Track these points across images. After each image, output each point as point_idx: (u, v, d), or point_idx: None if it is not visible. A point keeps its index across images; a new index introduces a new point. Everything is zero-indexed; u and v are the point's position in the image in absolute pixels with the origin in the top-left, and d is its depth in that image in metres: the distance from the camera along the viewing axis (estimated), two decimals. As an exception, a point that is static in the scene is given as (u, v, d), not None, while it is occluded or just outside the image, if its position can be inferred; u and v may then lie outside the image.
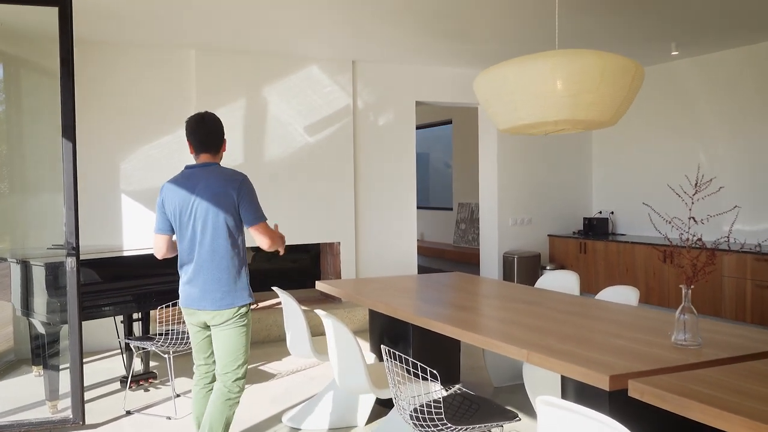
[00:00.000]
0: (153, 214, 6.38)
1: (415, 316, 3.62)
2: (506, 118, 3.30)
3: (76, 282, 4.09)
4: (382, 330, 4.70)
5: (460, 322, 3.39)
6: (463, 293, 4.49)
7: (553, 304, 3.94)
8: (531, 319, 3.49)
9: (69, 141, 4.04)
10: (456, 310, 3.80)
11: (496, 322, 3.44)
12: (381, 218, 7.41)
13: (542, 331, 3.18)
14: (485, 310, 3.81)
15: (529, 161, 8.21)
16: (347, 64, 7.10)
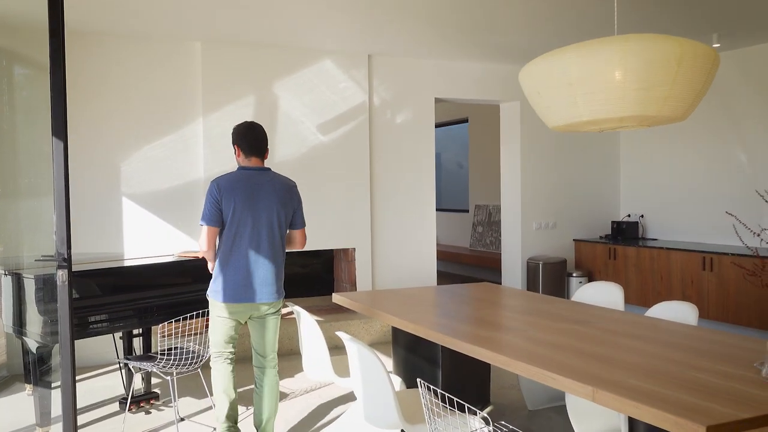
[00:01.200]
0: (156, 219, 5.97)
1: (449, 338, 3.17)
2: (562, 114, 2.85)
3: (68, 297, 3.65)
4: (407, 348, 4.25)
5: (503, 348, 2.94)
6: (497, 308, 4.04)
7: (605, 324, 3.49)
8: (585, 343, 3.04)
9: (60, 140, 3.61)
10: (494, 331, 3.36)
11: (546, 347, 2.99)
12: (398, 222, 6.96)
13: (603, 359, 2.74)
14: (528, 330, 3.36)
15: (554, 162, 7.75)
16: (363, 58, 6.66)
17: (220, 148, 6.10)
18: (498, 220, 10.17)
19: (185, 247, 6.00)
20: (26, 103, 5.45)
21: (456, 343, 3.10)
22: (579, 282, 7.54)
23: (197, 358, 4.10)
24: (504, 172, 7.85)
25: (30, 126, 5.45)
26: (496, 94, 7.42)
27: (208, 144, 6.07)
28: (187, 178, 6.08)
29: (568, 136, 7.77)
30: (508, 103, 7.63)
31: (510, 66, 7.41)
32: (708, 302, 6.34)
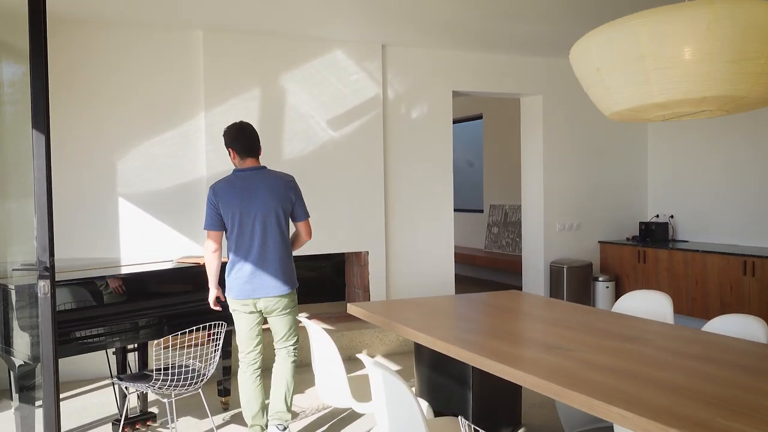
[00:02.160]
0: (155, 221, 5.54)
1: (488, 361, 2.73)
2: (628, 96, 2.40)
3: (51, 310, 3.23)
4: (432, 366, 3.81)
5: (555, 374, 2.50)
6: (532, 321, 3.60)
7: (662, 341, 3.05)
8: (646, 366, 2.60)
9: (41, 133, 3.19)
10: (536, 350, 2.92)
11: (602, 373, 2.55)
12: (414, 224, 6.52)
13: (676, 390, 2.29)
14: (575, 350, 2.92)
15: (577, 159, 7.30)
16: (376, 49, 6.23)
17: (224, 145, 5.66)
18: (515, 220, 9.72)
19: (186, 252, 5.58)
20: (14, 99, 5.03)
21: (497, 368, 2.66)
22: (605, 287, 7.09)
23: (198, 377, 3.67)
24: (525, 171, 7.41)
25: (19, 123, 5.04)
26: (517, 88, 6.98)
27: (210, 140, 5.65)
28: (189, 177, 5.65)
29: (593, 131, 7.32)
30: (530, 97, 7.18)
31: (532, 58, 6.97)
32: (750, 310, 5.88)
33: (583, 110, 7.25)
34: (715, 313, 6.16)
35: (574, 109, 7.21)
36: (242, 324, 3.80)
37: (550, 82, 7.09)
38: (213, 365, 3.75)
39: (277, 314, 3.81)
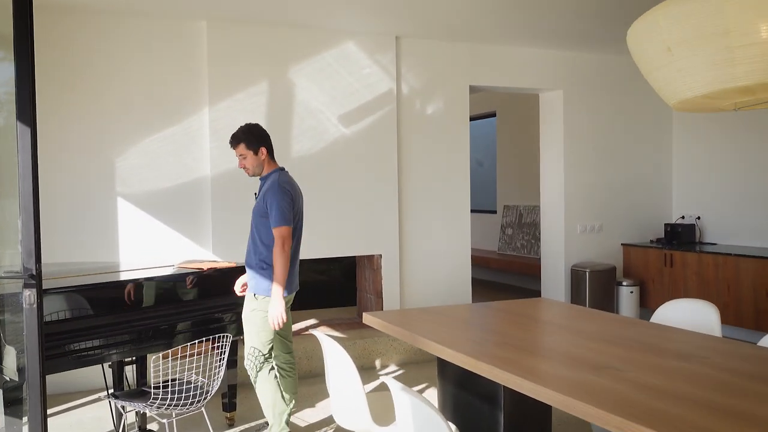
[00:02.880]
0: (157, 222, 5.23)
1: (529, 384, 2.40)
2: (707, 79, 2.05)
3: (37, 322, 2.91)
4: (458, 383, 3.48)
5: (613, 402, 2.17)
6: (569, 334, 3.27)
7: (720, 359, 2.71)
8: (710, 392, 2.27)
9: (26, 125, 2.87)
10: (580, 370, 2.58)
11: (661, 398, 2.22)
12: (429, 226, 6.19)
13: (755, 422, 1.96)
14: (624, 369, 2.58)
15: (599, 157, 6.95)
16: (390, 41, 5.90)
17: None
18: (530, 221, 9.39)
19: (189, 256, 5.26)
20: (5, 92, 4.71)
21: (546, 394, 2.33)
22: (630, 292, 6.74)
23: (201, 394, 3.35)
24: (544, 170, 7.07)
25: (11, 118, 4.72)
26: (536, 82, 6.64)
27: (215, 137, 5.33)
28: (192, 176, 5.33)
29: (615, 128, 6.97)
30: (550, 92, 6.84)
31: (553, 51, 6.63)
32: (787, 317, 5.54)
33: (605, 106, 6.92)
34: (749, 321, 5.82)
35: (595, 104, 6.88)
36: (286, 318, 3.72)
37: (571, 77, 6.75)
38: (218, 380, 3.43)
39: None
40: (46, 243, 4.44)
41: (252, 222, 3.77)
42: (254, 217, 3.75)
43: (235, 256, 5.20)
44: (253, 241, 3.76)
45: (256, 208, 3.74)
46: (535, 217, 9.24)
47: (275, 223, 3.59)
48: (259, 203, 3.73)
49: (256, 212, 3.74)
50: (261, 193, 3.77)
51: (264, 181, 3.80)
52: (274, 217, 3.59)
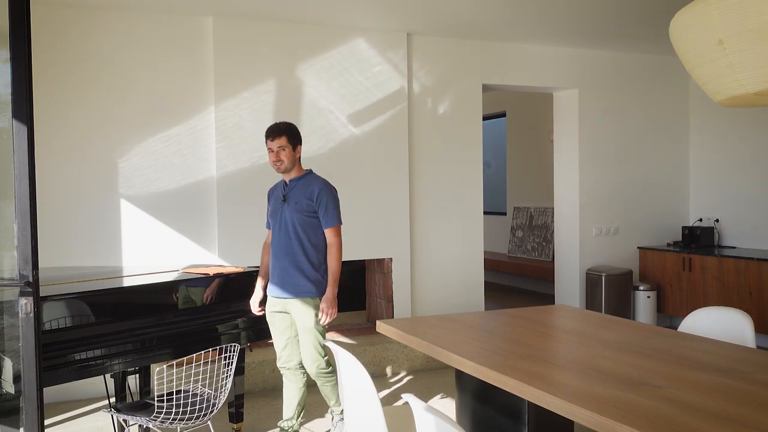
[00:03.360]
0: (161, 224, 5.07)
1: (562, 403, 2.22)
2: (763, 75, 1.86)
3: (34, 332, 2.75)
4: (477, 396, 3.30)
5: (655, 425, 1.99)
6: (597, 345, 3.08)
7: (765, 375, 2.52)
8: (761, 412, 2.08)
9: (22, 124, 2.70)
10: (616, 387, 2.40)
11: (712, 422, 2.04)
12: (441, 229, 6.01)
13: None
14: (663, 386, 2.40)
15: (615, 158, 6.76)
16: (401, 38, 5.72)
17: (236, 141, 5.19)
18: (541, 223, 9.20)
19: (195, 260, 5.09)
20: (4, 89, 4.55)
21: (583, 415, 2.15)
22: (647, 296, 6.55)
23: (209, 407, 3.18)
24: (558, 171, 6.89)
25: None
26: (551, 81, 6.46)
27: (221, 136, 5.16)
28: (197, 177, 5.17)
29: (631, 128, 6.78)
30: (565, 91, 6.66)
31: (567, 49, 6.45)
32: (813, 324, 5.35)
33: (621, 105, 6.74)
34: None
35: (611, 103, 6.70)
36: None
37: (586, 75, 6.57)
38: (225, 392, 3.26)
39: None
40: (45, 247, 4.29)
41: (290, 223, 3.69)
42: (295, 217, 3.67)
43: (242, 260, 5.03)
44: (298, 242, 3.68)
45: (299, 207, 3.67)
46: (547, 219, 9.06)
47: (333, 221, 3.68)
48: (301, 202, 3.67)
49: (299, 211, 3.66)
50: (300, 193, 3.71)
51: (296, 182, 3.75)
52: (331, 216, 3.67)
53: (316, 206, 3.68)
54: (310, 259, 3.71)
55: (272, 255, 3.78)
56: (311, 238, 3.71)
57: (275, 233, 3.77)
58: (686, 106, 7.04)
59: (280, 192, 3.80)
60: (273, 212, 3.80)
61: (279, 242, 3.73)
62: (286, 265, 3.70)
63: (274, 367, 5.01)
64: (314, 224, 3.70)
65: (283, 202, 3.73)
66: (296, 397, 3.85)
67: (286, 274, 3.70)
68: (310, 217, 3.69)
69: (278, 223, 3.74)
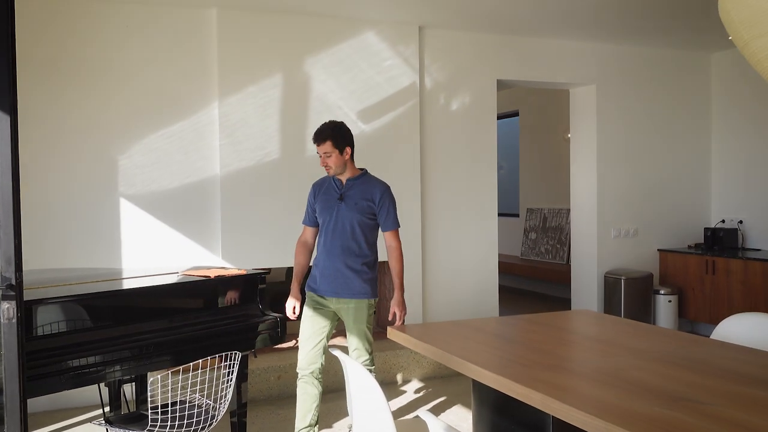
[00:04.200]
0: (162, 225, 4.86)
1: (602, 424, 1.99)
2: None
3: (17, 340, 2.53)
4: (496, 408, 3.07)
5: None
6: (628, 355, 2.84)
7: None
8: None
9: (5, 113, 2.49)
10: (652, 402, 2.16)
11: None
12: (454, 230, 5.78)
13: None
14: (712, 402, 2.17)
15: (633, 158, 6.51)
16: (413, 31, 5.50)
17: (241, 138, 4.98)
18: (555, 225, 8.96)
19: (197, 262, 4.88)
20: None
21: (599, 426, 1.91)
22: (668, 301, 6.29)
23: (207, 418, 2.96)
24: (574, 171, 6.65)
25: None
26: (568, 77, 6.23)
27: (225, 133, 4.95)
28: (200, 176, 4.96)
29: (651, 126, 6.53)
30: (582, 87, 6.42)
31: (585, 43, 6.22)
32: None
33: (640, 102, 6.49)
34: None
35: (630, 100, 6.45)
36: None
37: (604, 71, 6.33)
38: (225, 403, 3.04)
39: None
40: (40, 249, 4.10)
41: (348, 223, 3.61)
42: (355, 217, 3.61)
43: (246, 262, 4.82)
44: (356, 243, 3.62)
45: (359, 208, 3.61)
46: (561, 220, 8.82)
47: (395, 225, 3.69)
48: (361, 203, 3.61)
49: (359, 212, 3.61)
50: (359, 194, 3.63)
51: (353, 182, 3.66)
52: (393, 220, 3.68)
53: (377, 209, 3.65)
54: (366, 260, 3.68)
55: (323, 253, 3.67)
56: (368, 239, 3.68)
57: (328, 231, 3.66)
58: (708, 103, 6.79)
59: (333, 190, 3.68)
60: (325, 209, 3.68)
61: (333, 241, 3.63)
62: (341, 266, 3.62)
63: (280, 374, 4.80)
64: (372, 226, 3.69)
65: (340, 200, 3.64)
66: (315, 401, 3.68)
67: (340, 274, 3.62)
68: (370, 219, 3.66)
69: (333, 222, 3.64)
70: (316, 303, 3.66)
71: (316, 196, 3.73)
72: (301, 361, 3.67)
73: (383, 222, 3.67)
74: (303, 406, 3.67)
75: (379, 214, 3.65)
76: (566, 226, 8.67)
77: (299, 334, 3.71)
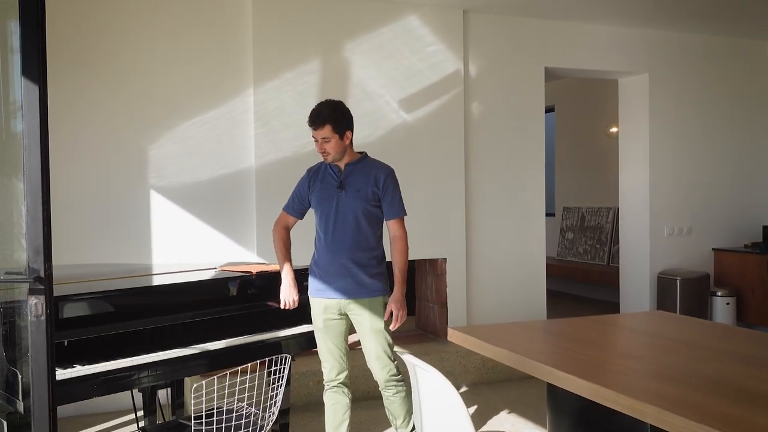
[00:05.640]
0: (193, 219, 4.59)
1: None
2: None
3: (46, 339, 2.24)
4: (579, 419, 2.73)
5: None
6: (730, 361, 2.50)
7: None
8: None
9: (33, 82, 2.20)
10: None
11: None
12: (500, 227, 5.45)
13: None
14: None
15: (688, 152, 6.15)
16: (457, 15, 5.19)
17: (277, 128, 4.69)
18: (594, 224, 8.59)
19: (232, 257, 4.59)
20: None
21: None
22: (725, 303, 5.92)
23: (255, 430, 2.65)
24: (624, 166, 6.31)
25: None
26: (618, 65, 5.88)
27: (260, 122, 4.67)
28: (234, 167, 4.68)
29: (706, 118, 6.16)
30: (633, 76, 6.06)
31: (637, 30, 5.87)
32: None
33: (696, 92, 6.14)
34: None
35: (685, 91, 6.10)
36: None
37: (658, 59, 5.97)
38: (275, 412, 2.74)
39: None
40: (62, 242, 3.77)
41: (352, 214, 3.18)
42: (358, 206, 3.18)
43: (283, 258, 4.52)
44: (362, 235, 3.19)
45: (362, 196, 3.18)
46: (601, 219, 8.45)
47: (400, 212, 3.24)
48: (364, 189, 3.18)
49: (363, 200, 3.18)
50: (362, 179, 3.21)
51: (353, 167, 3.24)
52: (398, 207, 3.23)
53: (382, 194, 3.22)
54: (375, 253, 3.25)
55: (324, 250, 3.23)
56: (375, 230, 3.26)
57: (329, 225, 3.21)
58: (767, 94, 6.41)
59: (331, 177, 3.25)
60: (322, 201, 3.23)
61: (335, 236, 3.19)
62: (347, 262, 3.17)
63: (320, 378, 4.47)
64: (378, 214, 3.26)
65: (339, 189, 3.20)
66: (346, 410, 3.32)
67: (346, 271, 3.18)
68: (375, 207, 3.23)
69: (333, 214, 3.20)
70: (325, 309, 3.22)
71: (311, 185, 3.30)
72: (327, 374, 3.31)
73: (387, 208, 3.23)
74: (334, 418, 3.30)
75: (383, 199, 3.22)
76: (607, 225, 8.31)
77: (317, 348, 3.32)
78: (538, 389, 4.77)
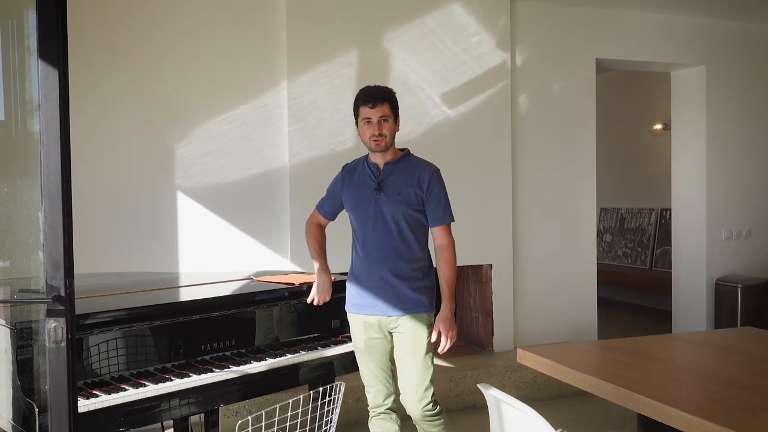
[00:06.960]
0: (223, 222, 4.26)
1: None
2: None
3: (67, 367, 1.91)
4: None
5: None
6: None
7: None
8: None
9: (53, 66, 1.87)
10: None
11: None
12: (548, 231, 5.09)
13: None
14: None
15: (747, 150, 5.76)
16: (503, 3, 4.84)
17: (312, 124, 4.36)
18: (634, 226, 8.21)
19: (265, 266, 4.26)
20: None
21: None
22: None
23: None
24: (677, 165, 5.92)
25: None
26: (672, 56, 5.49)
27: (294, 118, 4.33)
28: (267, 166, 4.35)
29: (761, 119, 5.77)
30: (689, 68, 5.67)
31: (694, 18, 5.48)
32: None
33: (758, 86, 5.73)
34: None
35: (745, 84, 5.70)
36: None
37: (716, 50, 5.58)
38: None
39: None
40: (81, 248, 3.42)
41: (392, 220, 2.81)
42: (399, 211, 2.80)
43: (320, 265, 4.18)
44: (405, 244, 2.81)
45: (405, 199, 2.80)
46: (642, 221, 8.07)
47: (447, 218, 2.84)
48: (407, 192, 2.79)
49: (406, 204, 2.80)
50: (403, 181, 2.83)
51: (394, 166, 2.86)
52: (444, 212, 2.84)
53: (426, 197, 2.83)
54: (420, 264, 2.84)
55: (361, 261, 2.86)
56: (419, 237, 2.86)
57: (366, 232, 2.84)
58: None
59: (368, 177, 2.87)
60: (359, 204, 2.86)
61: (374, 244, 2.81)
62: (387, 275, 2.78)
63: (359, 396, 4.13)
64: (422, 220, 2.87)
65: (377, 191, 2.82)
66: None
67: (387, 285, 2.78)
68: (419, 212, 2.84)
69: (371, 219, 2.82)
70: (367, 329, 2.84)
71: (344, 184, 2.95)
72: (372, 399, 2.90)
73: (432, 214, 2.85)
74: None
75: (427, 203, 2.84)
76: (649, 228, 7.93)
77: (360, 370, 2.92)
78: (592, 406, 4.41)
